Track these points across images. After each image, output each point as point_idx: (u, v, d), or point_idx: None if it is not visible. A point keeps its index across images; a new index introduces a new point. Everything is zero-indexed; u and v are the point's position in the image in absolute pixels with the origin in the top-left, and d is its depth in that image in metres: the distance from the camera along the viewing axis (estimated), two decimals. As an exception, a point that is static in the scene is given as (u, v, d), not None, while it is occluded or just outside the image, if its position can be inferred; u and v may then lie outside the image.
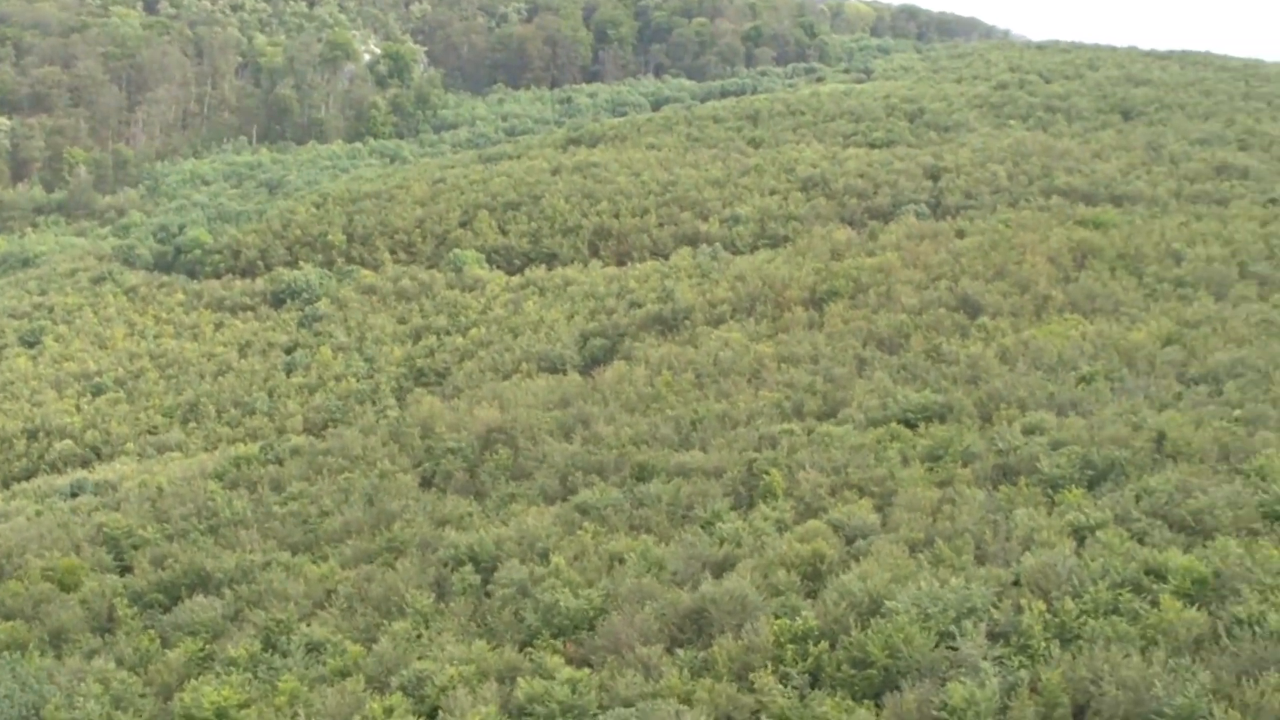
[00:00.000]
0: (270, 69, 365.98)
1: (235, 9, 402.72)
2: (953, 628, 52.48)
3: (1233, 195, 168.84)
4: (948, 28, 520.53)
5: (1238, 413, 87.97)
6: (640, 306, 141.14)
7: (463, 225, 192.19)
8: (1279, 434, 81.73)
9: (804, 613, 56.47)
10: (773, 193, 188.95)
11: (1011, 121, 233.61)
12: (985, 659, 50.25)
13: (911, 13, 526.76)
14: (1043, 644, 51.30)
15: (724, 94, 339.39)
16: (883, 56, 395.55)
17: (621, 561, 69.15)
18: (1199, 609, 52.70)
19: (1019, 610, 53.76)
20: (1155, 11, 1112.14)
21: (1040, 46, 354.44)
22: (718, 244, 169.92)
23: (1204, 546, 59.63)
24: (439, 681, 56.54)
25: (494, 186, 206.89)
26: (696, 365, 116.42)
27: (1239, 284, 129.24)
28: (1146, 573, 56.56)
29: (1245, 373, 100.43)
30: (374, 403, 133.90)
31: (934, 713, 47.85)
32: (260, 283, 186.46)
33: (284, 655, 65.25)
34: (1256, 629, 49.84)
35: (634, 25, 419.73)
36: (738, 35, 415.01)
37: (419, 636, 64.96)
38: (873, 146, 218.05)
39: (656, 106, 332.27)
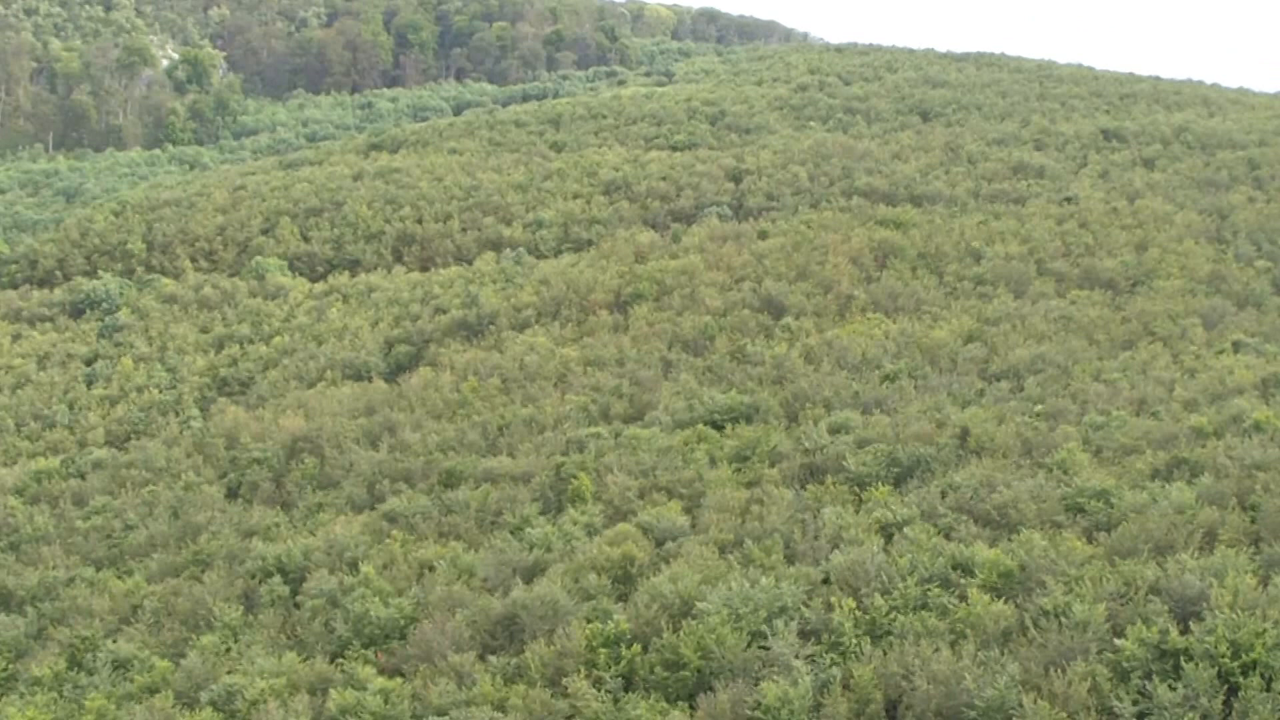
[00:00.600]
0: (66, 75, 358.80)
1: (29, 13, 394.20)
2: (764, 627, 52.62)
3: (1029, 194, 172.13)
4: (748, 30, 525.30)
5: (1039, 408, 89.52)
6: (445, 312, 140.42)
7: (265, 232, 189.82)
8: (1079, 428, 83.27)
9: (616, 616, 56.30)
10: (576, 196, 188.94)
11: (812, 123, 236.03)
12: (797, 657, 50.44)
13: (712, 16, 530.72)
14: (854, 641, 51.62)
15: (526, 98, 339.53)
16: (684, 59, 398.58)
17: (431, 569, 68.64)
18: (1006, 602, 53.40)
19: (829, 608, 54.04)
20: (951, 14, 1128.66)
21: (839, 49, 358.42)
22: (522, 248, 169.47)
23: (1009, 540, 60.52)
24: (249, 695, 55.65)
25: (296, 193, 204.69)
26: (502, 370, 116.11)
27: (1037, 281, 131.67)
28: (954, 567, 57.23)
29: (1045, 368, 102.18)
30: (177, 414, 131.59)
31: (748, 712, 47.91)
32: (59, 293, 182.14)
33: (90, 673, 63.88)
34: (1062, 620, 50.60)
35: (435, 29, 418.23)
36: (539, 39, 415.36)
37: (228, 650, 63.95)
38: (675, 149, 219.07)
39: (458, 111, 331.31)
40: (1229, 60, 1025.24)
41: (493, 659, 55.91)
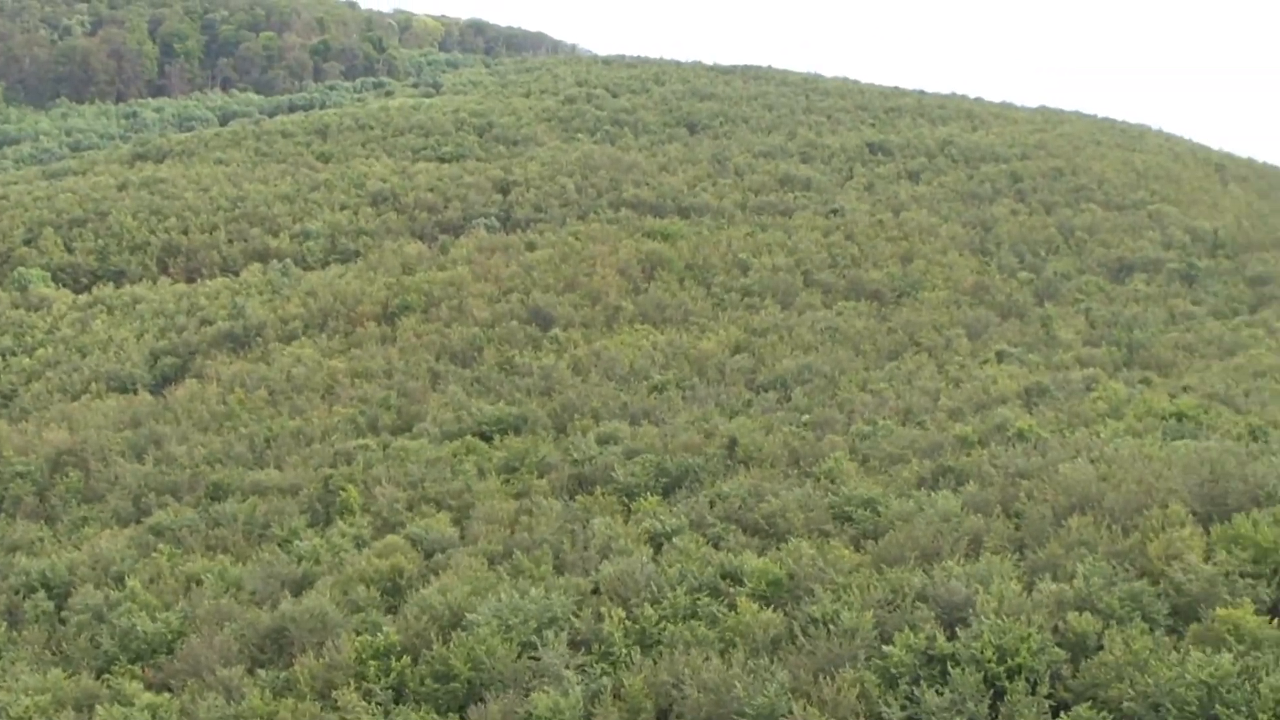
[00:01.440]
0: None
1: None
2: (534, 638, 52.64)
3: (796, 206, 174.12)
4: (516, 42, 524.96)
5: (806, 418, 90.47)
6: (211, 324, 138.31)
7: (27, 243, 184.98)
8: (846, 437, 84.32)
9: (385, 628, 55.96)
10: (343, 208, 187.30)
11: (580, 135, 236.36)
12: (568, 668, 50.46)
13: (480, 27, 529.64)
14: (624, 650, 51.77)
15: (293, 108, 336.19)
16: (452, 71, 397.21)
17: (199, 583, 67.64)
18: (775, 610, 53.95)
19: (599, 618, 54.17)
20: (719, 26, 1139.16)
21: (607, 61, 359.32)
22: (289, 260, 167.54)
23: (778, 549, 61.12)
24: (14, 713, 54.34)
25: (59, 203, 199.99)
26: (270, 382, 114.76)
27: (804, 292, 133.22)
28: (723, 576, 57.64)
29: (812, 379, 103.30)
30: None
31: (518, 723, 47.83)
32: None
33: None
34: (831, 627, 51.16)
35: (201, 39, 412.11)
36: (306, 49, 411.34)
37: (-10, 668, 62.44)
38: (442, 161, 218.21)
39: (224, 121, 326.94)
40: (992, 75, 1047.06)
41: (262, 672, 55.28)
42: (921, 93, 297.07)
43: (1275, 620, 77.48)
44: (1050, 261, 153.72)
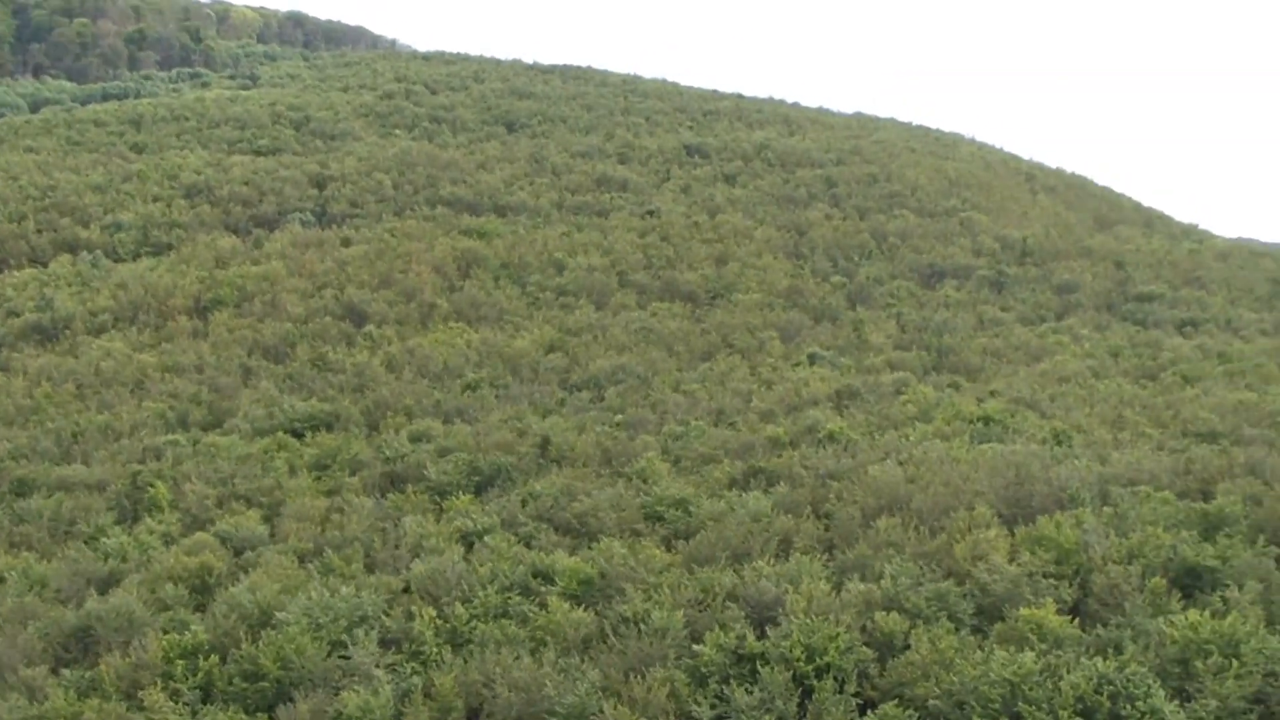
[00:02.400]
0: None
1: None
2: (344, 637, 52.26)
3: (612, 207, 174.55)
4: (335, 36, 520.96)
5: (619, 418, 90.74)
6: (18, 315, 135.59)
7: None
8: (658, 438, 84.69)
9: (193, 627, 55.23)
10: (156, 199, 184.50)
11: (397, 131, 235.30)
12: (378, 666, 50.22)
13: (299, 20, 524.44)
14: (435, 649, 51.64)
15: (106, 97, 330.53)
16: (269, 63, 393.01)
17: (2, 580, 66.34)
18: (586, 609, 54.09)
19: (410, 617, 53.95)
20: (540, 25, 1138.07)
21: (426, 57, 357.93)
22: (99, 251, 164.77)
23: (589, 548, 61.27)
24: None
25: None
26: (77, 375, 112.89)
27: (619, 293, 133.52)
28: (535, 575, 57.68)
29: (625, 379, 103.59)
30: None
31: (328, 722, 47.52)
32: None
33: None
34: (641, 626, 51.35)
35: (12, 24, 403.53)
36: (121, 37, 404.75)
37: None
38: (258, 154, 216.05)
39: (35, 108, 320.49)
40: (810, 80, 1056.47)
41: (66, 672, 54.31)
42: (739, 96, 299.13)
43: (1076, 620, 79.11)
44: (863, 266, 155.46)
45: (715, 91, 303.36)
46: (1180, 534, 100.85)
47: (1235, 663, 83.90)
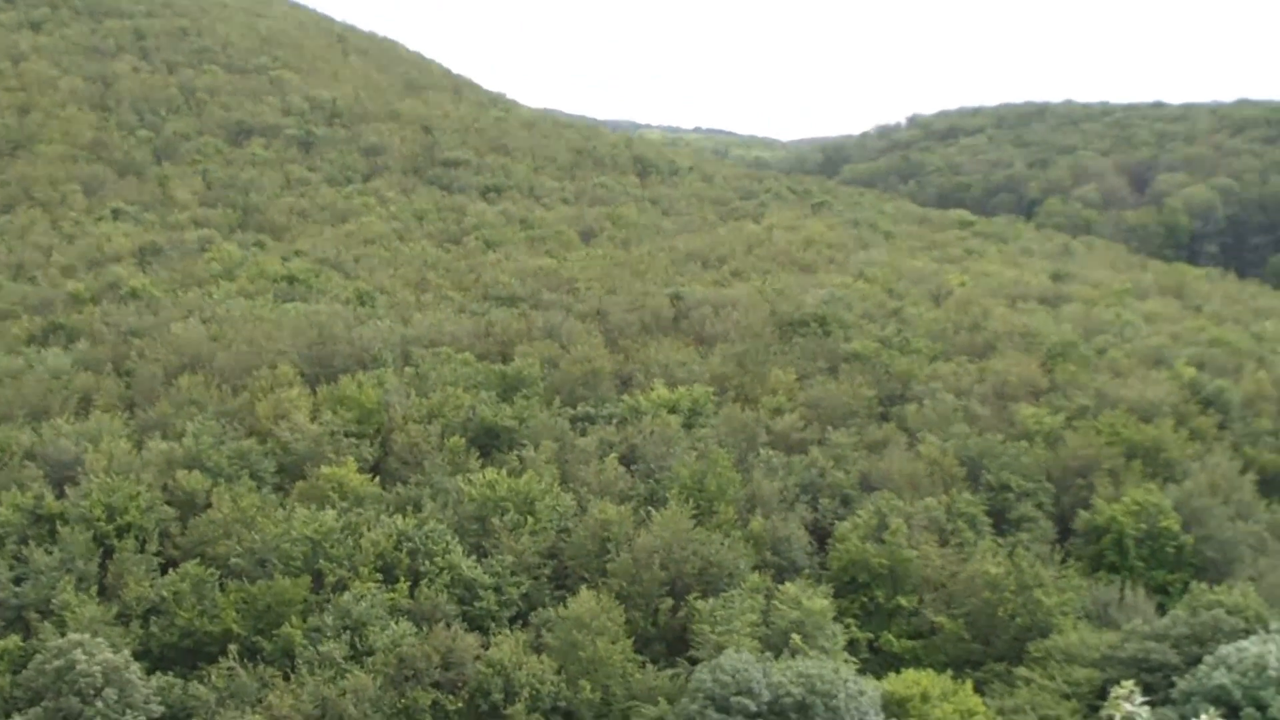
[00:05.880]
0: None
1: None
2: None
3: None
4: None
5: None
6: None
7: None
8: None
9: None
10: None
11: None
12: None
13: None
14: None
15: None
16: None
17: None
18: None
19: None
20: None
21: None
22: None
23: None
24: None
25: None
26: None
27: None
28: None
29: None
30: None
31: None
32: None
33: None
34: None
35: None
36: None
37: None
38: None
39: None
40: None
41: None
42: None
43: (377, 478, 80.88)
44: (170, 121, 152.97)
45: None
46: (480, 394, 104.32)
47: (530, 519, 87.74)
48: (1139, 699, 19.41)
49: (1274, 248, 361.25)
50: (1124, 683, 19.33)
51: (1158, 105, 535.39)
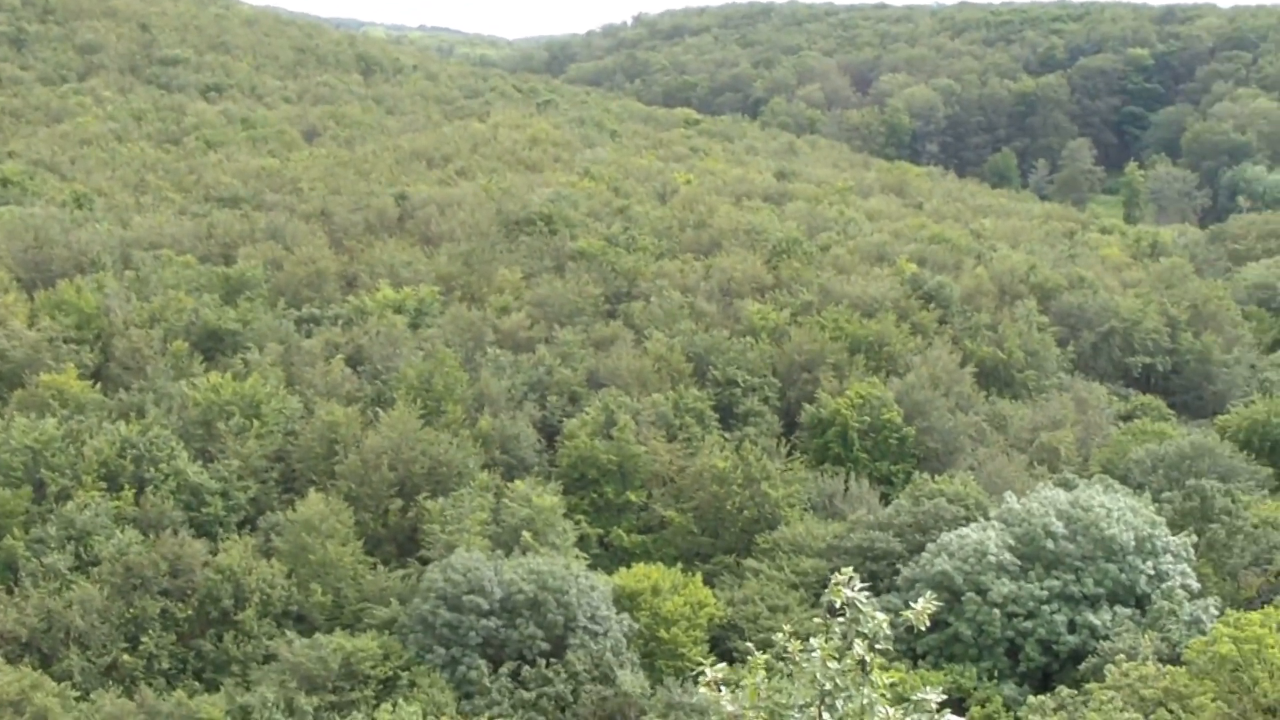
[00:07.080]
0: None
1: None
2: None
3: None
4: None
5: None
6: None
7: None
8: None
9: None
10: None
11: None
12: None
13: None
14: None
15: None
16: None
17: None
18: None
19: None
20: None
21: None
22: None
23: None
24: None
25: None
26: None
27: None
28: None
29: None
30: None
31: None
32: None
33: None
34: None
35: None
36: None
37: None
38: None
39: None
40: None
41: None
42: None
43: (97, 384, 79.41)
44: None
45: None
46: (202, 298, 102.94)
47: (257, 423, 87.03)
48: (858, 584, 20.08)
49: (992, 147, 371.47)
50: (843, 570, 19.97)
51: (881, 6, 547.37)
